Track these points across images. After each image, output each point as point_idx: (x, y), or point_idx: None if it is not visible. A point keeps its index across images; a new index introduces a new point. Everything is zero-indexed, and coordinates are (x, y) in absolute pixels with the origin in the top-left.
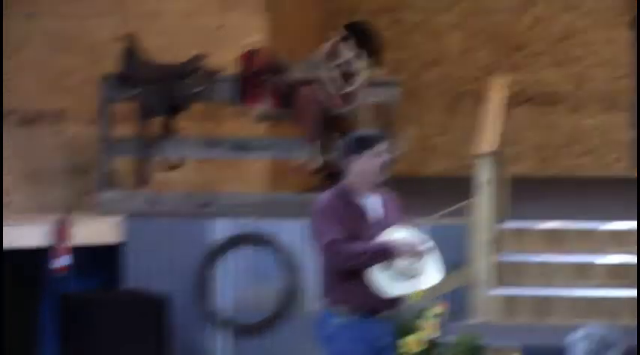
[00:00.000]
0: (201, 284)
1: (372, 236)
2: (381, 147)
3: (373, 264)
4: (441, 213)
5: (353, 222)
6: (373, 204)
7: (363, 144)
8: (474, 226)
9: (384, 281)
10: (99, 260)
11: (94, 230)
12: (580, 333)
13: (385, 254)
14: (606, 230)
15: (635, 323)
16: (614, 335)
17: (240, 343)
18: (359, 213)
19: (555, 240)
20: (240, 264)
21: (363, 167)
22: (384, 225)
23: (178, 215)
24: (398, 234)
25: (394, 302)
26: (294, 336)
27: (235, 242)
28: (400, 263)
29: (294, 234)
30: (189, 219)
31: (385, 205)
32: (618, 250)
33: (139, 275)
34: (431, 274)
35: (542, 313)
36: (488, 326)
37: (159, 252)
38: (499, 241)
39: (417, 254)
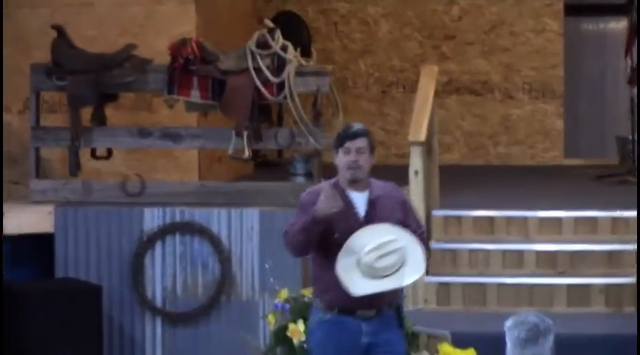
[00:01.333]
0: (135, 273)
1: (351, 231)
2: (351, 144)
3: (310, 237)
4: None
5: (336, 218)
6: (359, 201)
7: (336, 141)
8: None
9: (351, 279)
10: (32, 250)
11: (26, 219)
12: (512, 321)
13: (312, 220)
14: (537, 218)
15: (566, 310)
16: (546, 322)
17: (174, 331)
18: (344, 207)
19: (486, 229)
20: (173, 253)
21: (338, 164)
22: (364, 223)
23: (110, 204)
24: (374, 232)
25: (375, 300)
26: (226, 324)
27: (167, 230)
28: (369, 261)
29: (225, 222)
30: (121, 207)
31: (373, 203)
32: (548, 238)
33: (72, 264)
34: (403, 273)
35: (474, 300)
36: (421, 313)
37: (91, 241)
38: (432, 229)
39: (331, 206)
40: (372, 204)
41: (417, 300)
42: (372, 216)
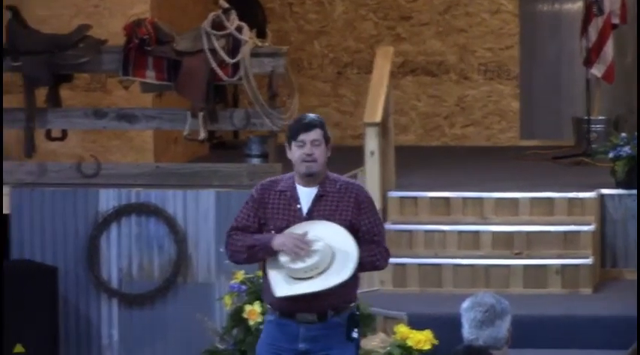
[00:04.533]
0: (90, 254)
1: (285, 228)
2: (305, 136)
3: (256, 260)
4: None
5: (276, 213)
6: (306, 196)
7: (289, 134)
8: None
9: (276, 279)
10: None
11: None
12: (468, 302)
13: (264, 250)
14: (493, 199)
15: (523, 291)
16: (503, 304)
17: (130, 312)
18: (285, 204)
19: (442, 210)
20: (128, 234)
21: (292, 158)
22: (306, 219)
23: (66, 185)
24: (310, 229)
25: (314, 303)
26: (182, 306)
27: (123, 212)
28: (284, 262)
29: (180, 203)
30: (77, 189)
31: (320, 199)
32: (505, 219)
33: (28, 245)
34: (327, 277)
35: (430, 282)
36: (378, 295)
37: (47, 223)
38: (388, 210)
39: (293, 251)
40: (318, 199)
41: (373, 282)
42: (315, 212)
